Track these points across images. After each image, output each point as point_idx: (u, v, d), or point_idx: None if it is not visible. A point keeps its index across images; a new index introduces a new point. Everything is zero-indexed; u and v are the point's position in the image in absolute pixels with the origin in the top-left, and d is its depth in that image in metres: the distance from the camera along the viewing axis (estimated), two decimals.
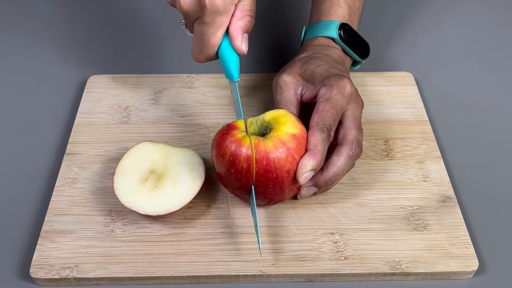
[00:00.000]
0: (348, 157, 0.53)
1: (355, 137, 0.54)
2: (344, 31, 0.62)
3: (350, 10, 0.64)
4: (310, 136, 0.52)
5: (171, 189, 0.54)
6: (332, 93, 0.54)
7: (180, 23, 0.56)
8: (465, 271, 0.52)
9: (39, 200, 0.59)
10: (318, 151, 0.51)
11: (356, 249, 0.53)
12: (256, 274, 0.52)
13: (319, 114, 0.53)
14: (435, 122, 0.67)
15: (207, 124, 0.65)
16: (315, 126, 0.52)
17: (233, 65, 0.54)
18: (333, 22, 0.62)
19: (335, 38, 0.62)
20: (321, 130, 0.52)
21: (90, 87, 0.69)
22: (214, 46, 0.53)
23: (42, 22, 0.81)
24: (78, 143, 0.63)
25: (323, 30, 0.63)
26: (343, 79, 0.55)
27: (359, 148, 0.54)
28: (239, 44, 0.52)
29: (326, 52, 0.61)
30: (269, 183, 0.51)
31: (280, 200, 0.54)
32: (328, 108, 0.53)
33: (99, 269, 0.52)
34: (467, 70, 0.75)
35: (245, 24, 0.52)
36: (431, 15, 0.83)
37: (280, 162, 0.50)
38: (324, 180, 0.53)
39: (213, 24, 0.51)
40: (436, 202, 0.57)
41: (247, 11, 0.52)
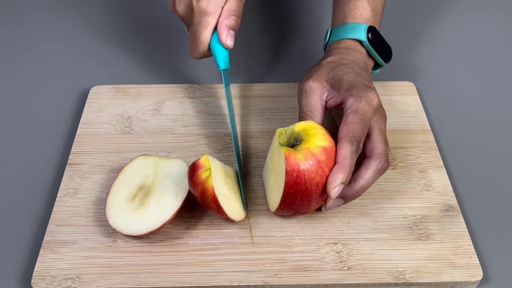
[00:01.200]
0: (376, 170, 0.53)
1: (383, 151, 0.54)
2: (372, 34, 0.62)
3: (374, 13, 0.64)
4: (340, 148, 0.52)
5: (155, 205, 0.54)
6: (360, 105, 0.53)
7: (184, 27, 0.63)
8: (469, 281, 0.52)
9: (41, 211, 0.59)
10: (347, 164, 0.51)
11: (359, 259, 0.53)
12: (259, 284, 0.51)
13: (348, 125, 0.53)
14: (437, 132, 0.67)
15: (209, 134, 0.65)
16: (344, 138, 0.52)
17: (221, 56, 0.60)
18: (360, 24, 0.62)
19: (363, 41, 0.62)
20: (350, 143, 0.52)
21: (92, 98, 0.69)
22: (203, 43, 0.60)
23: (44, 33, 0.81)
24: (80, 153, 0.63)
25: (351, 32, 0.62)
26: (371, 91, 0.55)
27: (387, 162, 0.54)
28: (224, 39, 0.59)
29: (352, 57, 0.61)
30: (297, 195, 0.51)
31: (306, 212, 0.54)
32: (357, 120, 0.53)
33: (101, 280, 0.52)
34: (468, 79, 0.75)
35: (230, 23, 0.59)
36: (432, 26, 0.83)
37: (310, 174, 0.50)
38: (352, 193, 0.53)
39: (201, 24, 0.59)
40: (439, 211, 0.57)
41: (232, 11, 0.59)
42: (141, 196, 0.55)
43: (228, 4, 0.59)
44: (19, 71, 0.75)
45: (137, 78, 0.73)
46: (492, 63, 0.77)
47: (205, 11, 0.58)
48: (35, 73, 0.75)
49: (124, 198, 0.55)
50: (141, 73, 0.75)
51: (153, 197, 0.54)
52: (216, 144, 0.64)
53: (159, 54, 0.78)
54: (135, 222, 0.53)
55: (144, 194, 0.55)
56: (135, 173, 0.57)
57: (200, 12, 0.58)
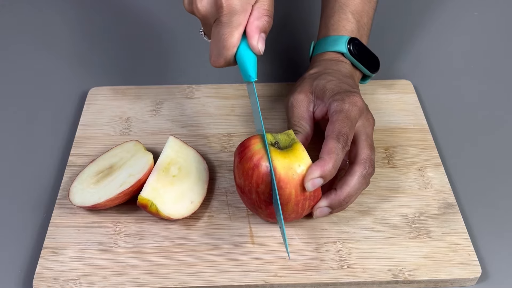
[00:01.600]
0: (361, 176, 0.53)
1: (368, 156, 0.53)
2: (354, 46, 0.62)
3: (359, 24, 0.64)
4: (325, 145, 0.51)
5: (103, 186, 0.56)
6: (344, 106, 0.53)
7: (199, 30, 0.56)
8: (468, 278, 0.52)
9: (42, 213, 0.59)
10: (330, 159, 0.50)
11: (359, 257, 0.53)
12: (259, 284, 0.52)
13: (334, 124, 0.52)
14: (435, 130, 0.67)
15: (208, 134, 0.65)
16: (330, 135, 0.52)
17: (251, 65, 0.52)
18: (342, 36, 0.62)
19: (344, 53, 0.62)
20: (336, 139, 0.51)
21: (91, 99, 0.69)
22: (232, 47, 0.51)
23: (42, 35, 0.81)
24: (79, 155, 0.63)
25: (332, 45, 0.62)
26: (354, 94, 0.55)
27: (372, 167, 0.54)
28: (255, 43, 0.51)
29: (335, 67, 0.61)
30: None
31: (289, 219, 0.54)
32: (342, 118, 0.53)
33: (102, 281, 0.52)
34: (466, 77, 0.75)
35: (262, 24, 0.51)
36: (429, 24, 0.84)
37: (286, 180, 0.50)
38: (338, 201, 0.53)
39: (230, 24, 0.50)
40: (437, 209, 0.58)
41: (265, 10, 0.51)
42: (104, 174, 0.57)
43: (260, 1, 0.51)
44: (18, 73, 0.75)
45: (136, 79, 0.73)
46: (490, 61, 0.78)
47: (236, 8, 0.49)
48: (34, 75, 0.75)
49: (95, 170, 0.58)
50: (140, 74, 0.75)
51: (109, 178, 0.56)
52: (215, 144, 0.64)
53: (158, 55, 0.78)
54: (80, 193, 0.56)
55: (107, 173, 0.57)
56: (119, 153, 0.59)
57: (230, 9, 0.49)
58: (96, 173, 0.58)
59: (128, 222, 0.56)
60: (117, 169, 0.58)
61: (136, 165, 0.57)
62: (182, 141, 0.60)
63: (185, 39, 0.80)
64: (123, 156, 0.59)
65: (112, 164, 0.58)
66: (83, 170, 0.58)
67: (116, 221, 0.56)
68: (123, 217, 0.57)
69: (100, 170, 0.58)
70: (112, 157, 0.59)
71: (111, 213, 0.57)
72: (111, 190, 0.55)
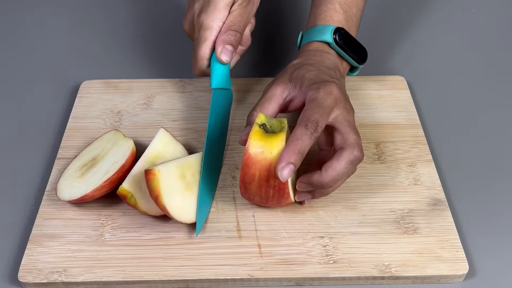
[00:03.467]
0: (349, 161, 0.52)
1: (355, 140, 0.53)
2: (340, 35, 0.61)
3: (347, 15, 0.64)
4: (293, 132, 0.51)
5: (88, 178, 0.56)
6: (318, 95, 0.54)
7: None
8: (455, 274, 0.52)
9: (30, 204, 0.59)
10: (295, 145, 0.50)
11: (346, 252, 0.53)
12: (244, 278, 0.52)
13: (304, 112, 0.53)
14: (427, 126, 0.67)
15: (199, 128, 0.65)
16: (299, 122, 0.52)
17: (215, 74, 0.60)
18: (328, 26, 0.62)
19: (330, 43, 0.62)
20: (304, 125, 0.51)
21: (83, 92, 0.69)
22: (202, 58, 0.60)
23: (35, 27, 0.82)
24: (69, 147, 0.63)
25: (318, 35, 0.62)
26: (330, 83, 0.55)
27: (360, 152, 0.53)
28: (219, 53, 0.59)
29: (319, 57, 0.61)
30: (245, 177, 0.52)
31: (253, 201, 0.55)
32: (314, 106, 0.53)
33: (87, 273, 0.52)
34: (460, 74, 0.75)
35: (227, 38, 0.59)
36: (425, 19, 0.83)
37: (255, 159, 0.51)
38: (320, 182, 0.52)
39: (200, 39, 0.60)
40: (426, 205, 0.57)
41: (231, 26, 0.59)
42: (88, 166, 0.57)
43: (228, 18, 0.59)
44: (10, 66, 0.75)
45: (128, 73, 0.73)
46: (485, 58, 0.77)
47: (204, 25, 0.59)
48: (25, 68, 0.75)
49: (79, 165, 0.58)
50: (132, 68, 0.75)
51: (93, 170, 0.57)
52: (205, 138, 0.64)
53: (150, 49, 0.78)
54: (67, 188, 0.56)
55: (91, 165, 0.57)
56: (100, 145, 0.60)
57: (199, 27, 0.59)
58: (80, 167, 0.58)
59: (115, 214, 0.56)
60: (100, 159, 0.58)
61: (118, 153, 0.57)
62: (172, 135, 0.60)
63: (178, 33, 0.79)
64: (104, 146, 0.59)
65: (94, 156, 0.58)
66: (68, 167, 0.58)
67: (103, 214, 0.56)
68: (110, 209, 0.57)
69: (84, 164, 0.58)
70: (94, 150, 0.59)
71: (98, 205, 0.57)
72: (96, 180, 0.55)
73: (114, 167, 0.56)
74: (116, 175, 0.55)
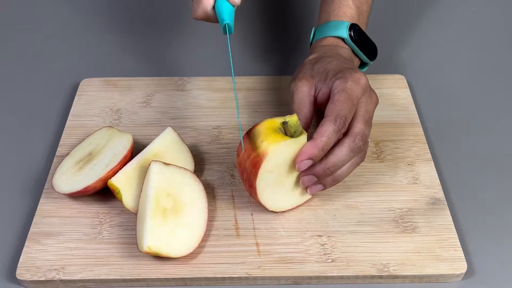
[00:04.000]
0: (349, 149, 0.52)
1: (360, 130, 0.53)
2: (354, 31, 0.61)
3: (359, 11, 0.64)
4: (321, 126, 0.51)
5: (88, 171, 0.56)
6: (347, 84, 0.53)
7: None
8: (453, 274, 0.52)
9: (29, 202, 0.59)
10: (321, 142, 0.50)
11: (344, 251, 0.53)
12: (242, 276, 0.51)
13: (334, 104, 0.52)
14: (427, 125, 0.66)
15: (198, 126, 0.65)
16: (328, 116, 0.52)
17: (226, 12, 0.53)
18: (343, 22, 0.62)
19: (345, 38, 0.61)
20: (333, 121, 0.51)
21: (82, 90, 0.69)
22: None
23: (35, 25, 0.82)
24: (68, 145, 0.63)
25: (333, 30, 0.62)
26: (357, 72, 0.55)
27: (362, 141, 0.53)
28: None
29: (335, 51, 0.61)
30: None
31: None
32: (344, 98, 0.52)
33: (85, 271, 0.52)
34: (460, 73, 0.74)
35: None
36: (425, 18, 0.83)
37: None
38: (323, 169, 0.52)
39: None
40: (425, 204, 0.57)
41: None
42: (85, 161, 0.57)
43: None
44: (10, 64, 0.75)
45: (127, 71, 0.73)
46: (485, 58, 0.77)
47: None
48: (25, 66, 0.75)
49: (73, 161, 0.58)
50: (131, 66, 0.75)
51: (92, 163, 0.57)
52: (204, 137, 0.64)
53: (149, 47, 0.78)
54: (66, 182, 0.56)
55: (88, 160, 0.57)
56: (93, 141, 0.59)
57: None
58: (76, 162, 0.58)
59: (113, 213, 0.56)
60: (97, 154, 0.58)
61: (117, 145, 0.58)
62: (179, 137, 0.59)
63: (178, 31, 0.80)
64: (99, 142, 0.59)
65: (90, 152, 0.58)
66: (61, 163, 0.58)
67: (101, 212, 0.56)
68: (108, 208, 0.57)
69: (80, 159, 0.58)
70: (87, 146, 0.59)
71: (96, 203, 0.57)
72: (98, 171, 0.55)
73: (116, 159, 0.56)
74: (118, 166, 0.55)
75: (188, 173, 0.55)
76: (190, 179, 0.55)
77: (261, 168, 0.51)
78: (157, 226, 0.51)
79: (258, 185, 0.52)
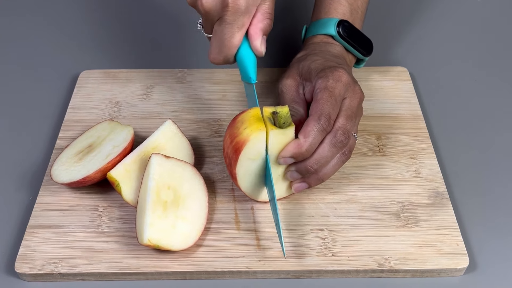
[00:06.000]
0: (331, 144, 0.52)
1: (342, 125, 0.52)
2: (343, 28, 0.60)
3: (352, 7, 0.63)
4: (305, 125, 0.51)
5: (87, 162, 0.56)
6: (328, 83, 0.53)
7: (196, 23, 0.55)
8: (455, 268, 0.51)
9: (28, 195, 0.58)
10: (304, 142, 0.51)
11: (345, 245, 0.53)
12: (242, 270, 0.51)
13: (317, 103, 0.52)
14: (430, 118, 0.66)
15: (198, 119, 0.65)
16: (313, 115, 0.52)
17: (251, 66, 0.53)
18: (332, 19, 0.61)
19: (334, 35, 0.61)
20: (317, 120, 0.51)
21: (82, 82, 0.69)
22: (234, 47, 0.52)
23: (33, 17, 0.81)
24: (67, 138, 0.62)
25: (322, 28, 0.62)
26: (338, 69, 0.54)
27: (344, 136, 0.52)
28: (259, 45, 0.53)
29: (324, 48, 0.60)
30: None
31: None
32: (326, 96, 0.52)
33: (84, 264, 0.51)
34: (463, 65, 0.73)
35: (264, 26, 0.53)
36: (429, 10, 0.82)
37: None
38: (304, 166, 0.52)
39: (234, 24, 0.51)
40: (427, 198, 0.56)
41: (267, 13, 0.53)
42: (85, 152, 0.57)
43: (264, 4, 0.52)
44: (9, 55, 0.75)
45: (127, 63, 0.73)
46: (489, 50, 0.76)
47: (242, 9, 0.50)
48: (25, 58, 0.74)
49: (73, 152, 0.57)
50: (131, 58, 0.74)
51: (91, 154, 0.56)
52: (204, 129, 0.63)
53: (149, 39, 0.77)
54: (65, 172, 0.56)
55: (88, 151, 0.57)
56: (94, 133, 0.59)
57: (236, 9, 0.50)
58: (75, 153, 0.57)
59: (113, 206, 0.56)
60: (97, 145, 0.57)
61: (118, 138, 0.57)
62: (179, 129, 0.59)
63: (179, 23, 0.79)
64: (100, 134, 0.59)
65: (90, 144, 0.58)
66: (61, 154, 0.58)
67: (101, 205, 0.56)
68: (108, 201, 0.56)
69: (80, 151, 0.57)
70: (88, 138, 0.59)
71: (96, 196, 0.57)
72: (98, 162, 0.55)
73: (116, 150, 0.56)
74: (118, 158, 0.55)
75: (188, 166, 0.55)
76: (191, 172, 0.54)
77: (241, 154, 0.51)
78: (157, 219, 0.50)
79: (238, 172, 0.52)
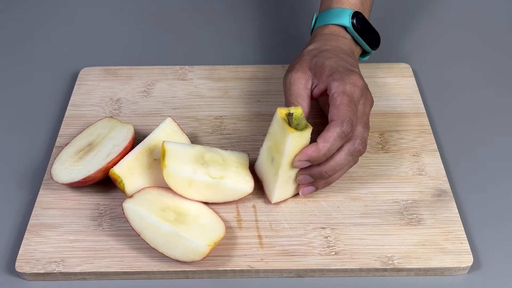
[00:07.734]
0: (349, 152, 0.52)
1: (360, 133, 0.52)
2: (357, 20, 0.60)
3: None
4: (327, 130, 0.51)
5: (88, 161, 0.55)
6: (346, 87, 0.52)
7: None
8: (459, 267, 0.51)
9: (28, 194, 0.58)
10: (323, 147, 0.50)
11: (348, 244, 0.52)
12: (245, 269, 0.51)
13: (339, 108, 0.51)
14: (433, 115, 0.65)
15: (199, 116, 0.64)
16: (335, 120, 0.51)
17: None
18: (345, 10, 0.60)
19: (347, 27, 0.60)
20: (340, 125, 0.50)
21: (82, 79, 0.68)
22: None
23: (34, 13, 0.80)
24: (67, 135, 0.62)
25: (335, 18, 0.61)
26: (354, 74, 0.54)
27: (362, 145, 0.52)
28: None
29: (335, 43, 0.59)
30: None
31: None
32: (347, 102, 0.52)
33: (85, 264, 0.51)
34: (466, 62, 0.73)
35: None
36: (432, 7, 0.81)
37: None
38: (319, 171, 0.52)
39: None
40: (431, 196, 0.56)
41: None
42: (85, 151, 0.56)
43: None
44: (9, 53, 0.74)
45: (128, 60, 0.72)
46: (492, 47, 0.75)
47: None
48: (25, 55, 0.74)
49: (73, 151, 0.57)
50: (132, 55, 0.73)
51: (92, 153, 0.56)
52: (205, 127, 0.63)
53: (150, 36, 0.76)
54: (66, 172, 0.55)
55: (88, 150, 0.56)
56: (94, 131, 0.59)
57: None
58: (75, 152, 0.57)
59: (113, 204, 0.55)
60: (97, 144, 0.57)
61: (118, 136, 0.57)
62: (179, 127, 0.58)
63: (180, 19, 0.78)
64: (100, 132, 0.58)
65: (90, 142, 0.58)
66: (60, 153, 0.57)
67: (102, 204, 0.56)
68: (109, 199, 0.56)
69: (79, 149, 0.57)
70: (88, 136, 0.58)
71: (96, 195, 0.56)
72: (98, 161, 0.55)
73: (117, 150, 0.55)
74: (119, 157, 0.55)
75: None
76: None
77: None
78: None
79: None
